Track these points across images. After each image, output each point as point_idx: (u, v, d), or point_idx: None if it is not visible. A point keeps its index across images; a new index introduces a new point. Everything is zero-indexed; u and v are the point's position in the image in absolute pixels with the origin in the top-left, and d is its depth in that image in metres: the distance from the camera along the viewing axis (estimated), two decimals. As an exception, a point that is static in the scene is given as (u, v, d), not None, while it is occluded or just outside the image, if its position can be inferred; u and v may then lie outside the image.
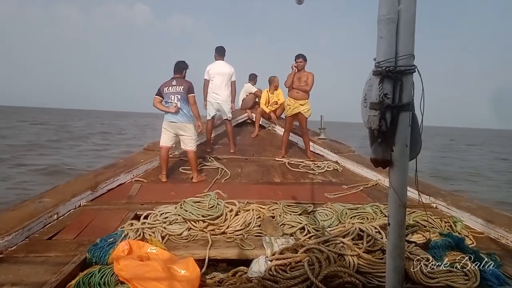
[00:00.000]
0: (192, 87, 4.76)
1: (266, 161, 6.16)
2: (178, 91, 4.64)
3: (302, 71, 5.97)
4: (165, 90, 4.66)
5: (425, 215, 3.21)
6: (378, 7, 1.18)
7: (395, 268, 1.28)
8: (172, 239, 2.80)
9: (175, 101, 4.61)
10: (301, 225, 3.01)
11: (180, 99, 4.62)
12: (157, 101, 4.69)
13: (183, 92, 4.64)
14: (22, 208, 3.08)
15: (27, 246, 2.58)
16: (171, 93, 4.64)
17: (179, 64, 4.84)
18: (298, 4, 1.79)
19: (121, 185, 4.41)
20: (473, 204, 3.63)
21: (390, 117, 1.19)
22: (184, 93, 4.65)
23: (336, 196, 4.23)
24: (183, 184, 4.67)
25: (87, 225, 3.03)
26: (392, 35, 1.17)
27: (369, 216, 3.19)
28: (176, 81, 4.69)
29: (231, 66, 6.38)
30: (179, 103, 4.60)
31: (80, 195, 3.60)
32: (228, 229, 2.98)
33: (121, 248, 2.26)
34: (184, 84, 4.69)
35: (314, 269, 2.14)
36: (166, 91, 4.66)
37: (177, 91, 4.64)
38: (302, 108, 6.01)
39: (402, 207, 1.25)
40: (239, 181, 4.93)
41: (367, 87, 1.25)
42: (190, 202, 3.20)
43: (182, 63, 4.85)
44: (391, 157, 1.23)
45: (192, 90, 4.75)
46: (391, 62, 1.17)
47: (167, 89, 4.66)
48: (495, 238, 3.02)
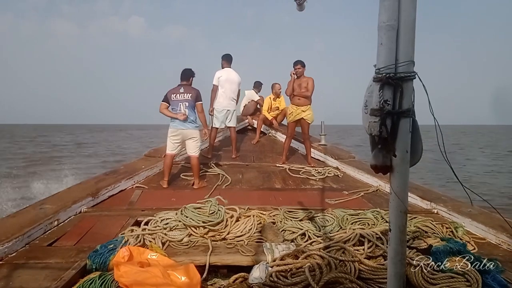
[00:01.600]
0: (200, 94, 4.81)
1: (267, 167, 6.16)
2: (186, 98, 4.68)
3: (302, 77, 5.99)
4: (173, 97, 4.69)
5: (426, 220, 3.20)
6: (378, 14, 1.19)
7: (396, 274, 1.28)
8: (172, 245, 2.79)
9: (183, 109, 4.64)
10: (302, 231, 3.00)
11: (188, 106, 4.67)
12: (163, 107, 4.72)
13: (191, 99, 4.69)
14: (22, 215, 3.08)
15: (27, 252, 2.57)
16: (179, 100, 4.68)
17: (186, 71, 4.86)
18: (299, 11, 1.81)
19: (122, 192, 4.41)
20: (474, 209, 3.61)
21: (391, 123, 1.20)
22: (192, 100, 4.70)
23: (337, 202, 4.22)
24: (184, 190, 4.67)
25: (87, 231, 3.03)
26: (392, 42, 1.18)
27: (370, 222, 3.19)
28: (184, 88, 4.73)
29: (238, 75, 6.44)
30: (187, 110, 4.65)
31: (80, 201, 3.60)
32: (229, 235, 2.97)
33: (121, 254, 2.26)
34: (192, 91, 4.73)
35: (315, 275, 2.13)
36: (174, 98, 4.69)
37: (185, 99, 4.68)
38: (304, 114, 6.02)
39: (403, 213, 1.25)
40: (239, 187, 4.93)
41: (367, 93, 1.26)
42: (190, 208, 3.20)
43: (189, 71, 4.88)
44: (392, 163, 1.24)
45: (200, 98, 4.80)
46: (391, 68, 1.18)
47: (175, 96, 4.69)
48: (496, 243, 3.01)
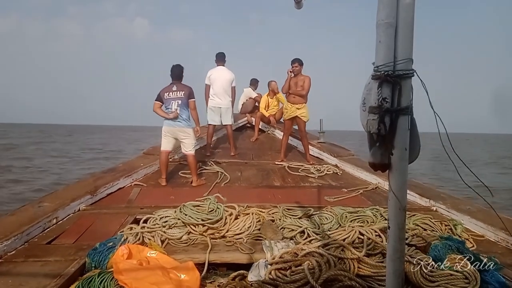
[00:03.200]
0: (193, 92, 4.79)
1: (266, 164, 6.16)
2: (178, 96, 4.67)
3: (299, 75, 5.98)
4: (166, 96, 4.68)
5: (425, 218, 3.21)
6: (377, 11, 1.19)
7: (395, 272, 1.28)
8: (171, 243, 2.79)
9: (175, 106, 4.63)
10: (301, 229, 3.01)
11: (181, 104, 4.66)
12: (157, 106, 4.71)
13: (184, 97, 4.68)
14: (21, 213, 3.08)
15: (26, 250, 2.57)
16: (171, 98, 4.67)
17: (175, 69, 4.81)
18: (297, 9, 1.81)
19: (121, 189, 4.40)
20: (473, 207, 3.62)
21: (389, 121, 1.20)
22: (185, 98, 4.68)
23: (336, 199, 4.23)
24: (183, 188, 4.66)
25: (86, 229, 3.03)
26: (391, 40, 1.18)
27: (369, 219, 3.19)
28: (176, 86, 4.72)
29: (231, 72, 6.43)
30: (179, 108, 4.63)
31: (79, 199, 3.60)
32: (228, 233, 2.97)
33: (120, 252, 2.25)
34: (185, 89, 4.71)
35: (314, 273, 2.13)
36: (166, 97, 4.68)
37: (178, 97, 4.67)
38: (299, 112, 6.02)
39: (402, 210, 1.25)
40: (238, 185, 4.93)
41: (366, 91, 1.26)
42: (189, 206, 3.19)
43: (178, 68, 4.82)
44: (391, 161, 1.23)
45: (193, 95, 4.77)
46: (390, 66, 1.17)
47: (168, 95, 4.68)
48: (495, 241, 3.02)
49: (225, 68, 6.40)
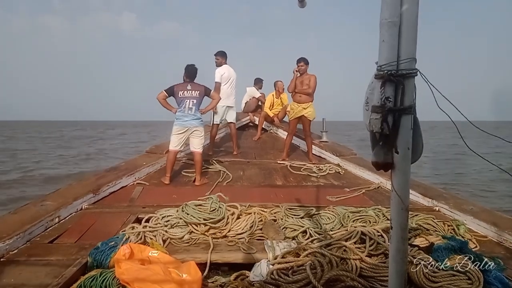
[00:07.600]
0: (208, 88, 4.89)
1: (268, 164, 6.16)
2: (193, 95, 4.73)
3: (304, 74, 5.99)
4: (180, 94, 4.72)
5: (427, 218, 3.19)
6: (380, 10, 1.18)
7: (397, 272, 1.28)
8: (173, 243, 2.79)
9: (190, 105, 4.70)
10: (303, 229, 3.00)
11: (195, 103, 4.74)
12: (162, 96, 4.74)
13: (199, 97, 4.76)
14: (23, 211, 3.08)
15: (28, 249, 2.58)
16: (186, 97, 4.72)
17: (190, 70, 4.86)
18: (300, 8, 1.80)
19: (123, 188, 4.41)
20: (476, 207, 3.60)
21: (392, 120, 1.19)
22: (200, 97, 4.77)
23: (338, 199, 4.22)
24: (185, 187, 4.67)
25: (88, 228, 3.03)
26: (394, 39, 1.17)
27: (372, 219, 3.18)
28: (191, 85, 4.77)
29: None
30: (193, 107, 4.72)
31: (81, 198, 3.60)
32: (230, 232, 2.97)
33: (122, 251, 2.25)
34: (200, 89, 4.78)
35: (316, 273, 2.13)
36: (181, 95, 4.71)
37: (193, 96, 4.73)
38: (305, 111, 6.03)
39: (404, 210, 1.24)
40: (241, 184, 4.93)
41: (369, 90, 1.25)
42: (191, 205, 3.19)
43: (193, 69, 4.87)
44: (393, 160, 1.23)
45: (209, 90, 4.89)
46: (393, 65, 1.17)
47: (182, 93, 4.72)
48: (498, 241, 3.00)
49: (230, 66, 6.42)
